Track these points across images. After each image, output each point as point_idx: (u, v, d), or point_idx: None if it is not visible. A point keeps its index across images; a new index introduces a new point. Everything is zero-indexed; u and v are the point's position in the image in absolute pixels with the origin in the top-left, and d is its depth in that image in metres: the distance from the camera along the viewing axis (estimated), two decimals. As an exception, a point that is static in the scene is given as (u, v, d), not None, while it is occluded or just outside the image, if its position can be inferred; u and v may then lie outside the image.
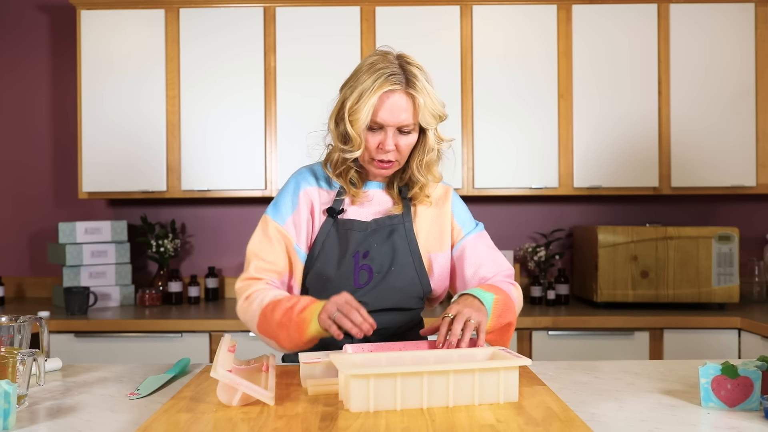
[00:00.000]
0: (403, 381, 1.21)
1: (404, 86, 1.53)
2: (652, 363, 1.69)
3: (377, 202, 1.67)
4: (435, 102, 1.57)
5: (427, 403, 1.22)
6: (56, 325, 2.88)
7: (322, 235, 1.63)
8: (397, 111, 1.53)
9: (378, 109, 1.53)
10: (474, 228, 1.71)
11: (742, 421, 1.24)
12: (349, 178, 1.65)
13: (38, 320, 1.54)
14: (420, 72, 1.56)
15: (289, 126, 3.20)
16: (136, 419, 1.25)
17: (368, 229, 1.63)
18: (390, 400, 1.21)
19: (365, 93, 1.52)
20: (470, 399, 1.24)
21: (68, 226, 3.22)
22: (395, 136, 1.56)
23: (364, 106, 1.51)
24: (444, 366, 1.23)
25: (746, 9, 3.22)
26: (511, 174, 3.21)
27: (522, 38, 3.21)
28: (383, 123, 1.54)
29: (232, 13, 3.20)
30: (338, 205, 1.64)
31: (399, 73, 1.53)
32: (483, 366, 1.25)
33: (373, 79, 1.52)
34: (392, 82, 1.52)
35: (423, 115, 1.55)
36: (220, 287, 3.55)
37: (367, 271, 1.61)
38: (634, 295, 3.06)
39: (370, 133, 1.56)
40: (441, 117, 1.59)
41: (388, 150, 1.56)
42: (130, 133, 3.21)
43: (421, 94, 1.54)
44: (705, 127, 3.22)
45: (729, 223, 3.53)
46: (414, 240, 1.65)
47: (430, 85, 1.57)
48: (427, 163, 1.63)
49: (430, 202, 1.69)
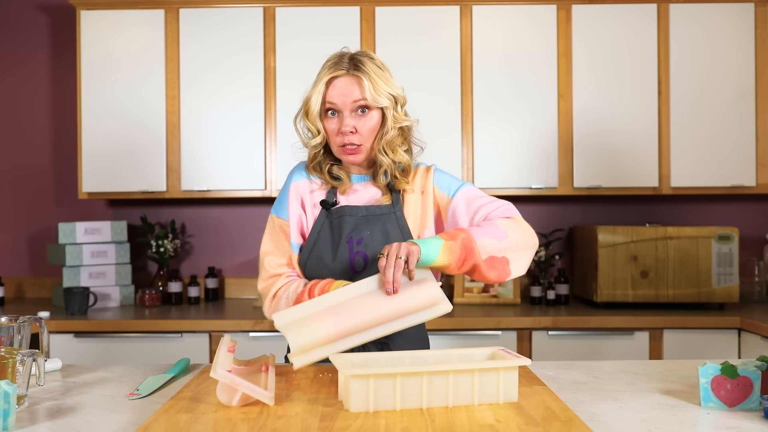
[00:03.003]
0: (403, 381, 1.21)
1: (349, 70, 1.62)
2: (652, 363, 1.69)
3: (365, 193, 1.71)
4: (388, 83, 1.64)
5: (427, 403, 1.23)
6: (56, 326, 2.88)
7: (318, 226, 1.68)
8: (345, 90, 1.61)
9: (326, 94, 1.63)
10: (459, 186, 1.70)
11: (741, 421, 1.24)
12: (328, 170, 1.70)
13: (38, 320, 1.54)
14: (369, 59, 1.64)
15: (289, 126, 3.18)
16: (136, 419, 1.25)
17: (359, 214, 1.66)
18: (390, 400, 1.21)
19: (315, 83, 1.64)
20: (470, 399, 1.25)
21: (68, 226, 3.22)
22: (353, 119, 1.62)
23: (314, 93, 1.63)
24: (444, 366, 1.24)
25: (746, 9, 3.22)
26: (511, 174, 3.21)
27: (522, 38, 3.21)
28: (334, 106, 1.62)
29: (232, 13, 3.20)
30: (331, 198, 1.69)
31: (345, 62, 1.63)
32: (483, 366, 1.25)
33: (322, 71, 1.64)
34: (337, 68, 1.62)
35: (371, 94, 1.61)
36: (220, 287, 3.55)
37: (363, 258, 1.64)
38: (634, 295, 3.06)
39: (328, 121, 1.65)
40: (397, 98, 1.65)
41: (346, 131, 1.61)
42: (130, 133, 3.21)
43: (367, 75, 1.61)
44: (705, 127, 3.22)
45: (729, 223, 3.53)
46: (406, 227, 1.67)
47: (383, 71, 1.64)
48: (387, 142, 1.65)
49: (412, 189, 1.70)
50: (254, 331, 2.89)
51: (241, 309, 3.18)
